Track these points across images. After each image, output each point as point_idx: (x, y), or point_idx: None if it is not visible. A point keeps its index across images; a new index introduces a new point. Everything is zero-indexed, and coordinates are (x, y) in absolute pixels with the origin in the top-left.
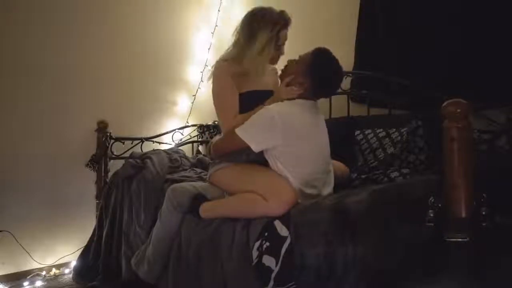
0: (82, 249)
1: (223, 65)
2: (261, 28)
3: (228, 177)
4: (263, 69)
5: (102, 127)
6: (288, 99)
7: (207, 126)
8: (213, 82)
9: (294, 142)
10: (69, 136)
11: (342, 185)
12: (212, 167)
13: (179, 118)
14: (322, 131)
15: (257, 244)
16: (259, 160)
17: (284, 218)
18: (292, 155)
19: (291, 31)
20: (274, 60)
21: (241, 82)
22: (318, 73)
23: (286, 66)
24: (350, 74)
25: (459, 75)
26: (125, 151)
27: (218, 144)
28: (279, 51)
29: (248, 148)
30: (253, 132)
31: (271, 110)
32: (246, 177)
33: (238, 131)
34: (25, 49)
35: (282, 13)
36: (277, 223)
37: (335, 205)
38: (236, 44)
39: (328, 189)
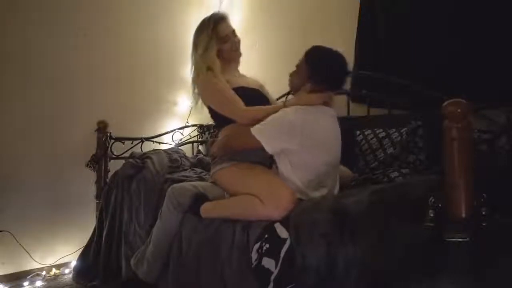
0: (82, 249)
1: (207, 73)
2: (200, 33)
3: (229, 177)
4: (216, 65)
5: (102, 127)
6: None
7: (207, 126)
8: (206, 88)
9: (309, 149)
10: (69, 136)
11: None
12: (215, 166)
13: (179, 118)
14: (337, 140)
15: (257, 246)
16: (263, 162)
17: (284, 220)
18: (304, 160)
19: (291, 32)
20: (232, 54)
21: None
22: (318, 62)
23: (290, 76)
24: (350, 74)
25: (459, 75)
26: (125, 151)
27: (231, 140)
28: (228, 43)
29: (262, 148)
30: (270, 134)
31: (290, 113)
32: (246, 178)
33: (254, 131)
34: (25, 49)
35: (212, 14)
36: (277, 225)
37: (335, 205)
38: (192, 58)
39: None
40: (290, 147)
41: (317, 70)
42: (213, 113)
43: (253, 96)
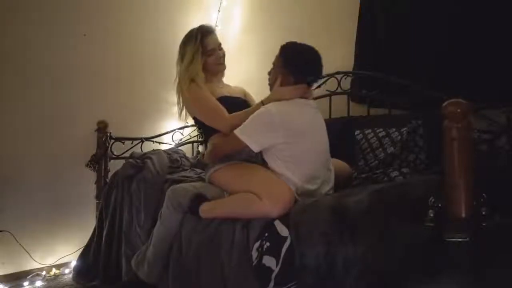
0: (82, 249)
1: (190, 85)
2: (187, 45)
3: (227, 177)
4: (200, 77)
5: (102, 127)
6: (286, 99)
7: None
8: (190, 99)
9: (294, 140)
10: (69, 136)
11: (344, 184)
12: (211, 168)
13: (179, 118)
14: (321, 129)
15: (257, 244)
16: (258, 160)
17: (284, 218)
18: (291, 152)
19: (291, 32)
20: (215, 67)
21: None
22: (292, 53)
23: (268, 74)
24: (350, 74)
25: (459, 75)
26: (125, 151)
27: (218, 147)
28: (212, 56)
29: (248, 148)
30: (253, 133)
31: (269, 109)
32: (243, 177)
33: (237, 132)
34: (25, 49)
35: (201, 26)
36: (277, 223)
37: (335, 204)
38: (177, 68)
39: (327, 187)
40: (274, 141)
41: (289, 61)
42: (199, 124)
43: (236, 104)
